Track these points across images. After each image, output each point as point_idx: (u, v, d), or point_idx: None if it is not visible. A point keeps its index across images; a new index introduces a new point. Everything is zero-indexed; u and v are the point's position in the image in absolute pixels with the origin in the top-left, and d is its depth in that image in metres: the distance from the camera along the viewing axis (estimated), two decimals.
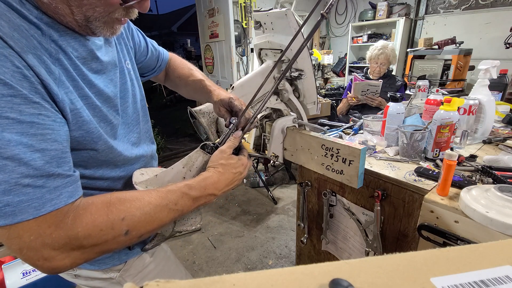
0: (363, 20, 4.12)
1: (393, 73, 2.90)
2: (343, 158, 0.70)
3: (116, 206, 0.49)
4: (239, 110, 0.72)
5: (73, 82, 0.50)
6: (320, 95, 3.46)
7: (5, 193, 0.39)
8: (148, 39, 0.83)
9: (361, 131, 1.30)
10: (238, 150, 0.69)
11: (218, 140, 0.72)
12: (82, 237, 0.45)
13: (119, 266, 0.70)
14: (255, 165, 3.10)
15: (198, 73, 0.88)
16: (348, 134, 1.29)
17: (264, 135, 0.91)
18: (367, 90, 2.22)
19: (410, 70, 3.17)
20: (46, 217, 0.42)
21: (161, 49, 0.87)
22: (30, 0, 0.45)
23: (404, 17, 3.62)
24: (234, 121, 0.70)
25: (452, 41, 2.98)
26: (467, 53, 2.91)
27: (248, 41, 3.71)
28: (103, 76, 0.58)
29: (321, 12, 0.59)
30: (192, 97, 0.91)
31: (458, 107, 0.96)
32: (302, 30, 0.68)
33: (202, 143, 0.71)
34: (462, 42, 2.96)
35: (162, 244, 0.79)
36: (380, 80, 2.18)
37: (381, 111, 1.70)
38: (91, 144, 0.54)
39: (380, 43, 2.32)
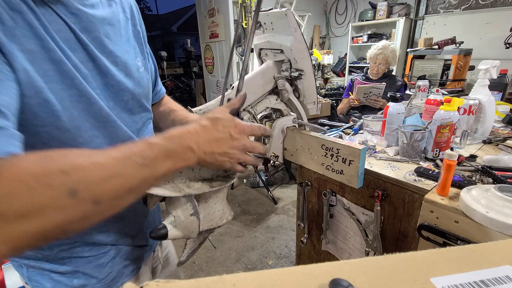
0: (363, 20, 4.12)
1: (393, 73, 2.90)
2: (343, 158, 0.70)
3: (54, 159, 0.34)
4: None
5: (39, 41, 0.43)
6: (320, 95, 3.46)
7: None
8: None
9: (361, 131, 1.30)
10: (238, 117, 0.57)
11: None
12: None
13: None
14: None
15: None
16: (348, 134, 1.29)
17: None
18: (370, 92, 2.21)
19: (410, 70, 3.17)
20: None
21: (160, 82, 0.87)
22: None
23: (404, 17, 3.62)
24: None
25: (452, 41, 2.98)
26: (467, 53, 2.91)
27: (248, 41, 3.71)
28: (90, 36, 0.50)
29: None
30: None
31: (458, 107, 0.96)
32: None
33: None
34: (462, 42, 2.96)
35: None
36: (383, 83, 2.17)
37: (381, 111, 1.70)
38: (50, 118, 0.45)
39: (382, 43, 2.32)
